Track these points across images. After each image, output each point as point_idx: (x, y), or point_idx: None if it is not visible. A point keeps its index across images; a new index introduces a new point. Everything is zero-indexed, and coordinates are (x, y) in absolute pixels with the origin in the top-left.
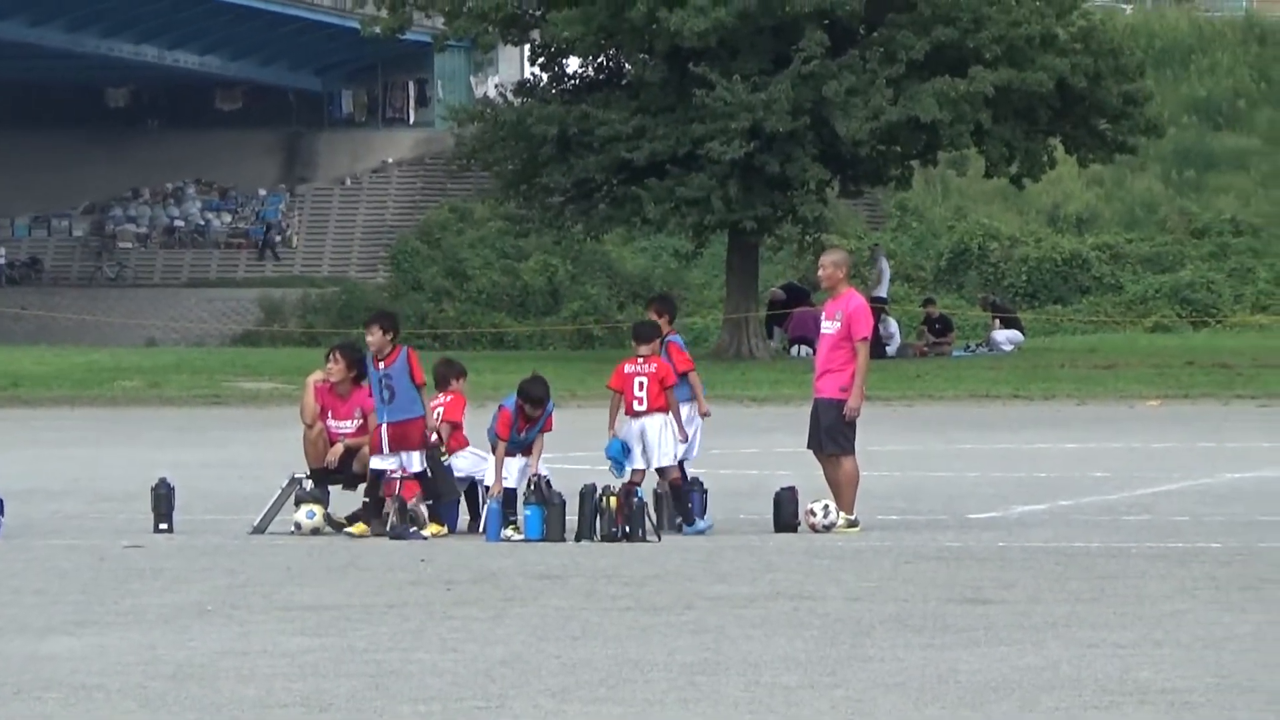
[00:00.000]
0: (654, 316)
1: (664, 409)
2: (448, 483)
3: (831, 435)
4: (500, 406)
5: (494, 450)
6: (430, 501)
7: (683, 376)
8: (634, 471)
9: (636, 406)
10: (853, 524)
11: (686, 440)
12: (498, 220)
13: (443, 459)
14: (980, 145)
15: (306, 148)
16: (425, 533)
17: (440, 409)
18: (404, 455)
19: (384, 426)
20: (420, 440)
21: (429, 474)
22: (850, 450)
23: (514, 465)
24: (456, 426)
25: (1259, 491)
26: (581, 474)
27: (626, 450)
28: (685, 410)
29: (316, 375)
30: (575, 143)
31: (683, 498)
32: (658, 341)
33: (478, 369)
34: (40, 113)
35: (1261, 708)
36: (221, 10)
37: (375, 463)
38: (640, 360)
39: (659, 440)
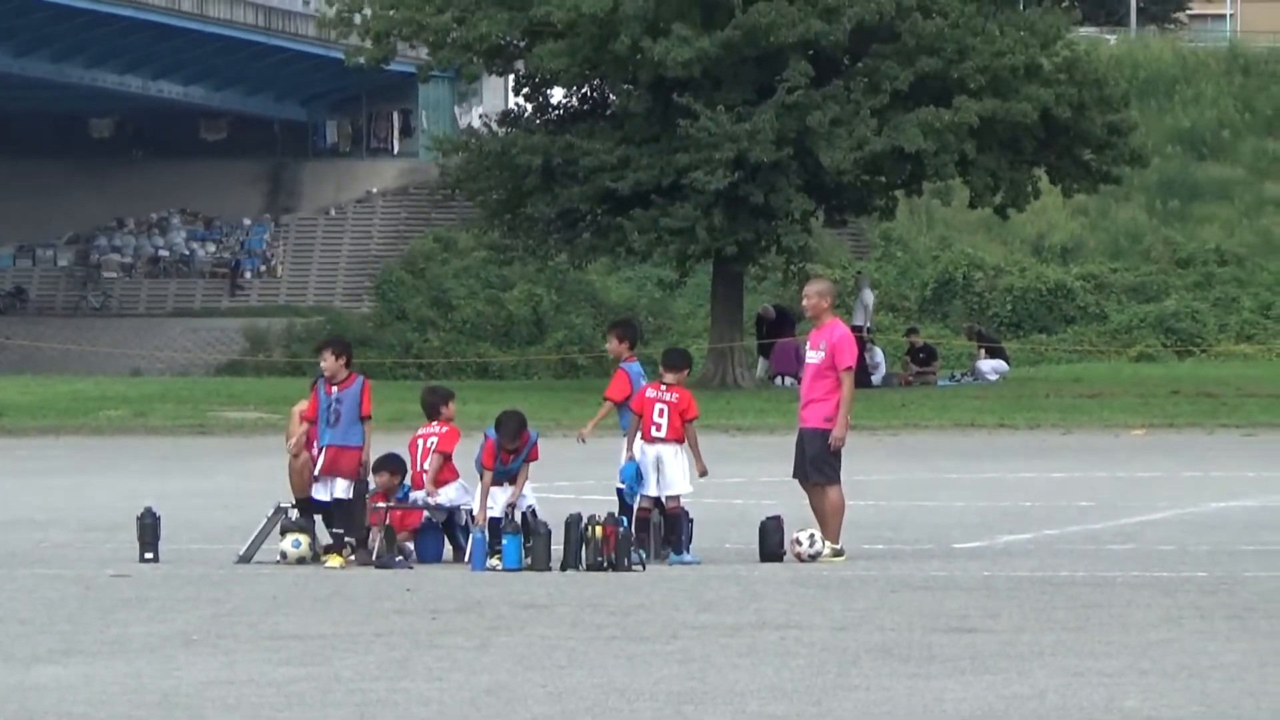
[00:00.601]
0: (615, 342)
1: (680, 440)
2: (360, 517)
3: (817, 465)
4: (486, 436)
5: (480, 479)
6: (339, 531)
7: (621, 404)
8: (643, 497)
9: (654, 432)
10: (838, 553)
11: (706, 474)
12: (482, 250)
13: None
14: (965, 175)
15: (291, 177)
16: (332, 564)
17: (434, 438)
18: (331, 481)
19: (323, 449)
20: (353, 469)
21: (349, 502)
22: (836, 479)
23: (500, 495)
24: (448, 458)
25: (1244, 520)
26: (567, 503)
27: (639, 475)
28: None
29: (302, 405)
30: (560, 173)
31: (677, 526)
32: (686, 371)
33: (463, 399)
34: (24, 142)
35: None
36: (205, 41)
37: (319, 493)
38: (663, 387)
39: (673, 468)
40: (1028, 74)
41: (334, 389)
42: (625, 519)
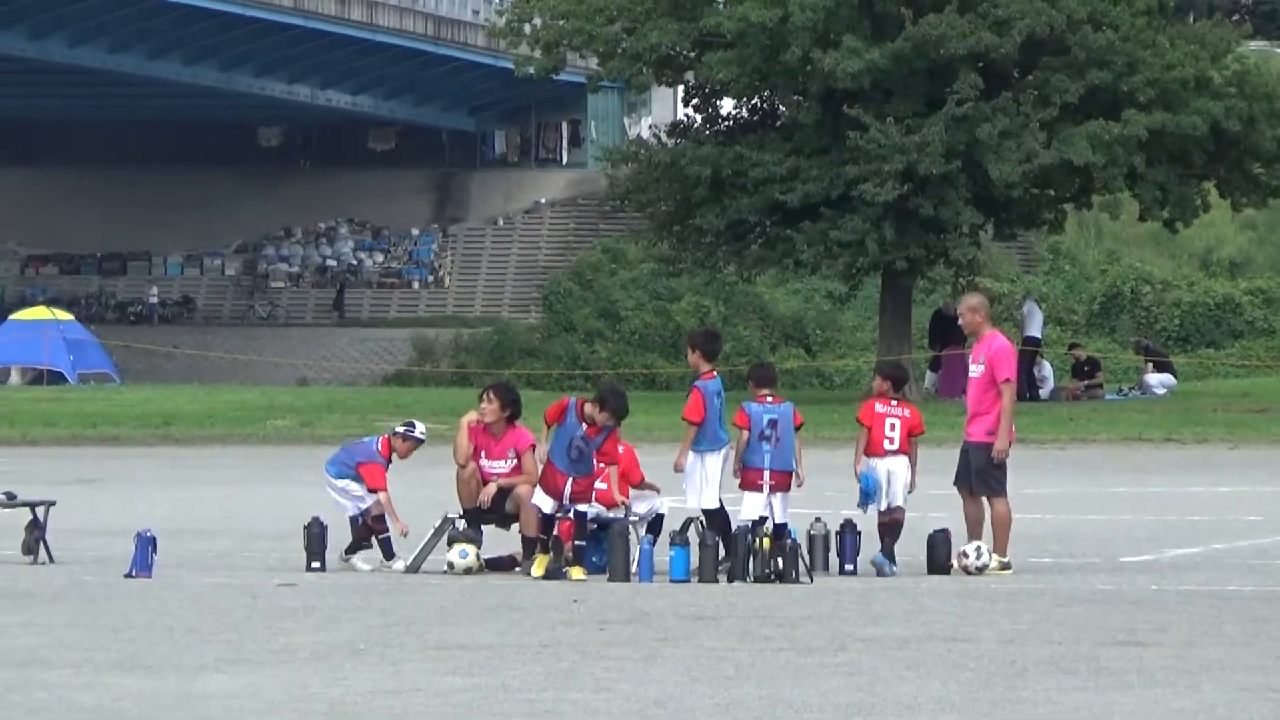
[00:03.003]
0: (690, 354)
1: (906, 453)
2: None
3: (982, 478)
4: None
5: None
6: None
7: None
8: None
9: (887, 445)
10: (1005, 566)
11: (915, 489)
12: (650, 261)
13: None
14: (1133, 188)
15: (459, 187)
16: (572, 575)
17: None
18: (575, 505)
19: (570, 479)
20: (590, 495)
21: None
22: (1001, 492)
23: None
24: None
25: None
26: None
27: (877, 484)
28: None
29: (471, 415)
30: (729, 184)
31: (895, 535)
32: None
33: (631, 409)
34: (193, 152)
35: None
36: (374, 50)
37: (547, 506)
38: (894, 402)
39: (901, 482)
40: (1198, 87)
41: (583, 425)
42: (794, 531)
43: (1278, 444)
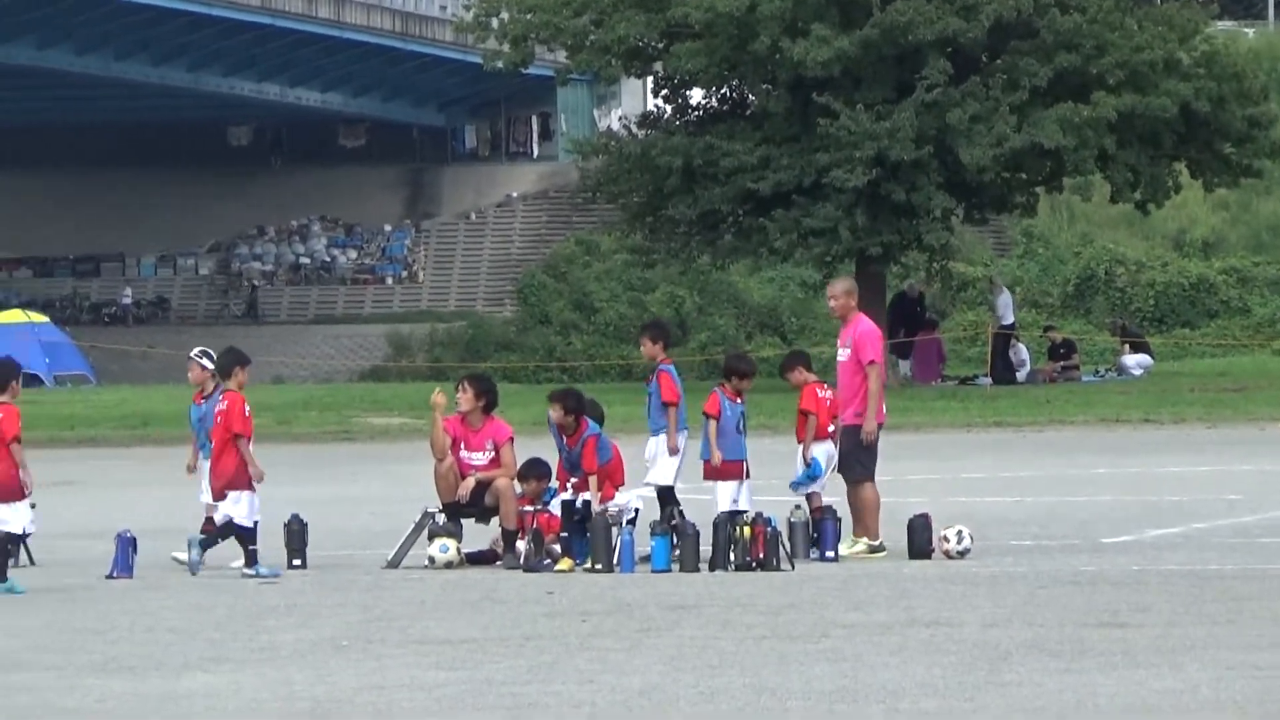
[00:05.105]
0: (649, 344)
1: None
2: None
3: (847, 462)
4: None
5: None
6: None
7: (665, 407)
8: (815, 494)
9: (831, 429)
10: (875, 549)
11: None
12: (624, 252)
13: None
14: (1105, 170)
15: (431, 183)
16: (559, 566)
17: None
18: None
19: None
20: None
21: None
22: (868, 476)
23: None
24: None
25: None
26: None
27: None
28: (659, 442)
29: (438, 394)
30: (700, 174)
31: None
32: None
33: (608, 401)
34: (164, 152)
35: None
36: (342, 47)
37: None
38: (826, 387)
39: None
40: (1166, 68)
41: (565, 439)
42: (774, 519)
43: (1254, 423)
